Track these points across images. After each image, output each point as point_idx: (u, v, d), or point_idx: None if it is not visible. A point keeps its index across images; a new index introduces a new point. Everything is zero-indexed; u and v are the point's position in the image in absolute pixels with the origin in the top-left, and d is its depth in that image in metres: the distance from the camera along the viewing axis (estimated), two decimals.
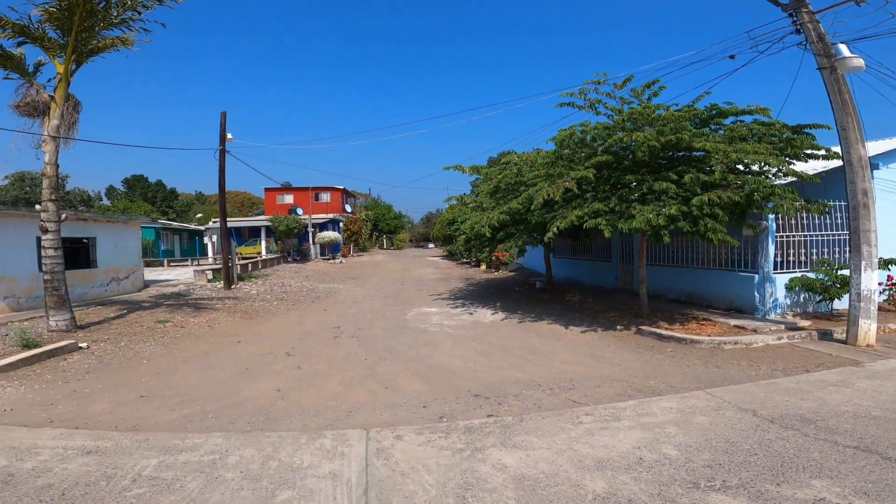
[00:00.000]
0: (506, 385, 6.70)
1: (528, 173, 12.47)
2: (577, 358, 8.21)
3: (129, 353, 8.65)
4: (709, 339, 8.88)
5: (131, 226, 17.59)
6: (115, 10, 9.91)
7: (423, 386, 6.73)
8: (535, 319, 11.93)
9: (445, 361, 8.09)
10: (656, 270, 13.95)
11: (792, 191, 9.11)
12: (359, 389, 6.58)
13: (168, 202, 65.74)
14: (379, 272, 27.84)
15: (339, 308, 14.60)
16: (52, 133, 9.80)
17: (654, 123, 9.87)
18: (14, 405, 5.68)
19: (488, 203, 13.61)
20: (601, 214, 9.63)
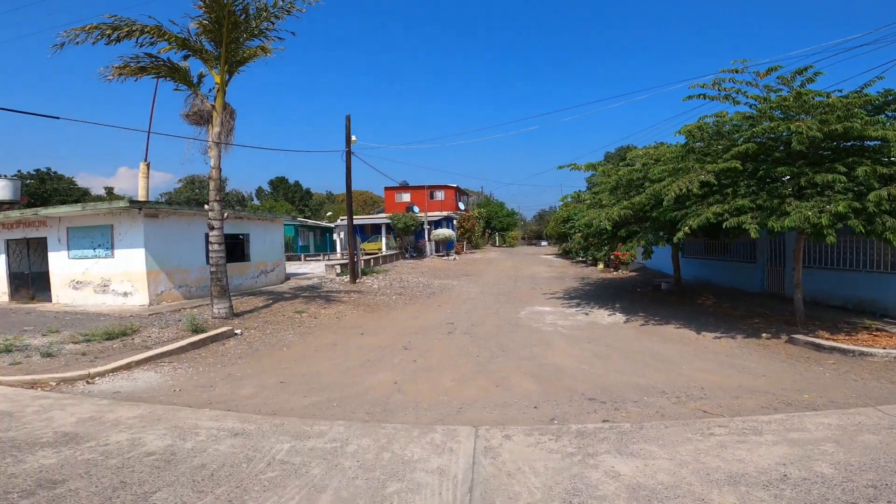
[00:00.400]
0: (624, 390, 6.29)
1: (653, 168, 11.53)
2: (710, 366, 7.39)
3: (272, 341, 9.79)
4: (884, 351, 7.41)
5: (276, 223, 19.91)
6: (253, 21, 11.21)
7: (534, 386, 6.59)
8: (659, 322, 11.01)
9: (559, 362, 7.83)
10: (815, 273, 12.02)
11: None
12: (470, 386, 6.66)
13: (304, 201, 73.38)
14: (491, 269, 27.98)
15: (453, 304, 14.95)
16: (215, 139, 11.45)
17: (813, 111, 8.46)
18: (182, 386, 6.73)
19: (608, 200, 12.87)
20: (745, 211, 8.52)
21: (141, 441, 4.47)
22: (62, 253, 14.12)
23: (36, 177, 47.41)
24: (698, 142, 10.38)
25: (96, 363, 7.35)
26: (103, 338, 8.83)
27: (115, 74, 10.99)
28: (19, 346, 8.19)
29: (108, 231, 13.57)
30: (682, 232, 9.20)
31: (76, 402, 5.64)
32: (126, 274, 13.33)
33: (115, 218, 13.47)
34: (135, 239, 13.25)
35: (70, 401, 5.71)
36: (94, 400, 5.78)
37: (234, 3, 10.63)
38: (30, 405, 5.47)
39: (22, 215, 14.54)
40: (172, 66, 11.50)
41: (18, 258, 15.14)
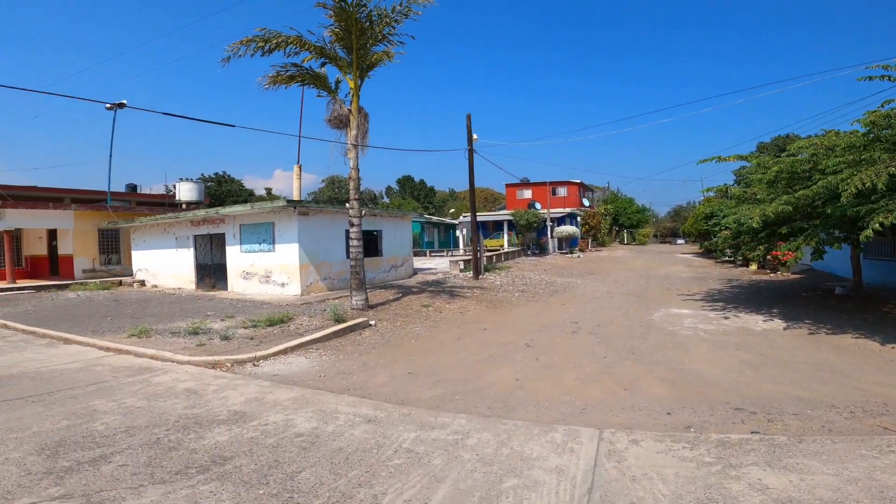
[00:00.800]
0: (780, 401, 5.55)
1: (826, 159, 9.86)
2: (891, 379, 6.13)
3: (402, 333, 10.47)
4: None
5: (406, 220, 21.20)
6: (376, 26, 12.04)
7: (667, 391, 6.10)
8: (832, 331, 9.39)
9: (698, 368, 7.13)
10: None
11: None
12: (595, 387, 6.40)
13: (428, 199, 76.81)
14: (619, 268, 26.38)
15: (577, 303, 14.45)
16: (352, 142, 12.57)
17: None
18: (326, 372, 7.51)
19: (764, 194, 11.31)
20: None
21: (292, 423, 5.10)
22: (235, 247, 16.68)
23: (214, 180, 56.71)
24: (885, 130, 8.62)
25: (261, 347, 8.58)
26: (266, 324, 10.28)
27: (270, 83, 12.65)
28: (204, 330, 9.91)
29: (270, 228, 15.68)
30: (870, 230, 7.71)
31: (245, 383, 6.64)
32: (284, 266, 15.29)
33: (275, 216, 15.52)
34: (290, 235, 15.13)
35: (240, 381, 6.75)
36: (258, 382, 6.75)
37: (359, 11, 11.54)
38: (210, 384, 6.57)
39: (206, 214, 17.48)
40: (314, 74, 12.87)
41: (203, 251, 18.24)
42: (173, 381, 6.68)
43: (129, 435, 4.71)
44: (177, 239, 19.00)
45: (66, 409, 5.49)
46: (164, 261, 19.46)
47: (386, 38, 12.53)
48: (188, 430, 4.86)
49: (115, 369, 7.33)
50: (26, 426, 4.92)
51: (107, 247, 22.94)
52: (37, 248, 23.84)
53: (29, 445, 4.42)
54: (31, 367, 7.51)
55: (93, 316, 12.19)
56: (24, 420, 5.11)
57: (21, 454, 4.23)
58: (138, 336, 9.43)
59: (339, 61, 12.66)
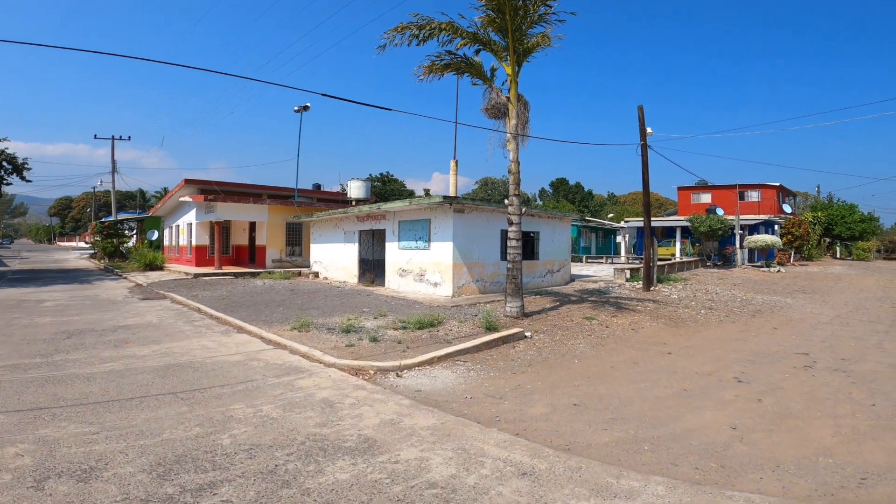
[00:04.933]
0: None
1: None
2: None
3: (562, 349, 8.94)
4: None
5: (564, 222, 19.45)
6: (530, 4, 10.64)
7: None
8: None
9: None
10: None
11: None
12: (870, 446, 4.16)
13: (585, 202, 72.46)
14: (842, 287, 20.60)
15: (795, 328, 11.11)
16: (512, 131, 11.47)
17: None
18: (473, 392, 6.39)
19: None
20: None
21: (427, 464, 4.06)
22: (394, 244, 16.91)
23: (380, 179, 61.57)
24: None
25: (407, 354, 7.92)
26: (416, 327, 9.72)
27: (425, 74, 12.22)
28: (356, 328, 9.72)
29: (427, 225, 15.47)
30: None
31: (383, 399, 5.86)
32: (437, 265, 14.92)
33: (432, 212, 15.27)
34: (445, 232, 14.69)
35: (379, 396, 6.00)
36: (397, 399, 5.91)
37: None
38: (349, 395, 5.96)
39: (370, 209, 18.13)
40: (468, 62, 12.08)
41: (366, 246, 19.00)
42: (314, 387, 6.27)
43: (249, 456, 4.19)
44: (344, 234, 20.21)
45: (206, 411, 5.31)
46: (334, 254, 20.87)
47: (543, 19, 11.17)
48: (310, 459, 4.17)
49: (268, 366, 7.29)
50: (159, 430, 4.76)
51: (292, 239, 25.77)
52: (241, 239, 27.98)
53: (147, 458, 4.13)
54: (199, 356, 7.93)
55: (269, 304, 13.21)
56: (161, 422, 5.00)
57: (132, 470, 3.91)
58: (299, 330, 9.62)
59: (493, 46, 11.71)
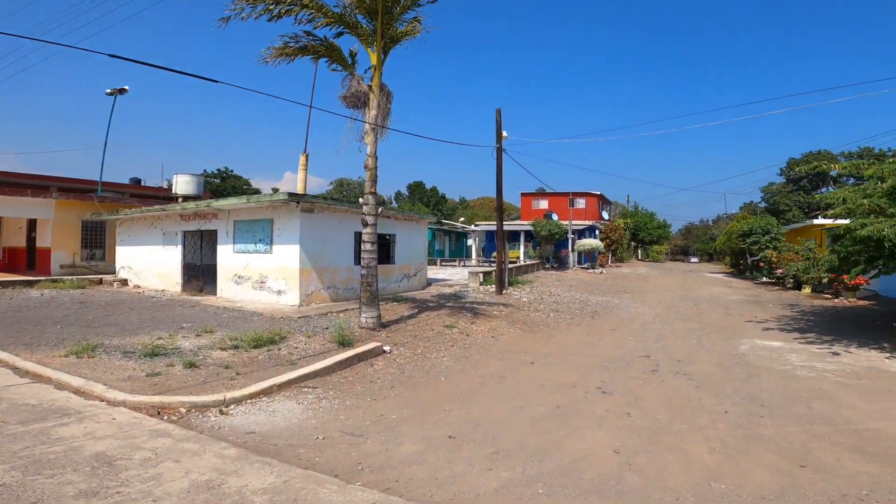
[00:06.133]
0: None
1: None
2: None
3: (426, 365, 8.08)
4: None
5: (422, 224, 18.89)
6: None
7: (873, 466, 3.88)
8: None
9: (883, 427, 4.87)
10: None
11: None
12: (749, 463, 4.09)
13: (439, 206, 74.51)
14: (652, 286, 23.97)
15: (629, 329, 12.05)
16: (372, 122, 10.31)
17: None
18: (327, 430, 5.10)
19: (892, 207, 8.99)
20: None
21: None
22: (228, 246, 14.38)
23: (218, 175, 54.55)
24: None
25: (236, 382, 6.22)
26: (251, 345, 7.95)
27: (275, 55, 10.45)
28: (167, 350, 7.56)
29: (269, 225, 13.41)
30: None
31: (198, 449, 4.27)
32: (281, 270, 13.00)
33: (275, 212, 13.28)
34: (291, 234, 12.86)
35: (191, 445, 4.37)
36: (219, 448, 4.35)
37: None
38: (141, 447, 4.21)
39: (197, 207, 15.19)
40: (329, 46, 10.65)
41: (192, 250, 15.92)
42: (86, 437, 4.34)
43: None
44: (164, 234, 16.76)
45: None
46: (150, 258, 17.20)
47: (416, 3, 10.32)
48: None
49: (13, 408, 4.99)
50: None
51: (90, 241, 20.73)
52: (16, 240, 21.71)
53: None
54: None
55: (42, 322, 9.88)
56: None
57: None
58: (78, 355, 7.09)
59: (360, 30, 10.47)
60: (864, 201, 9.69)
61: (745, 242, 27.83)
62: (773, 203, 51.95)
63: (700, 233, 79.88)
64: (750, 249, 27.66)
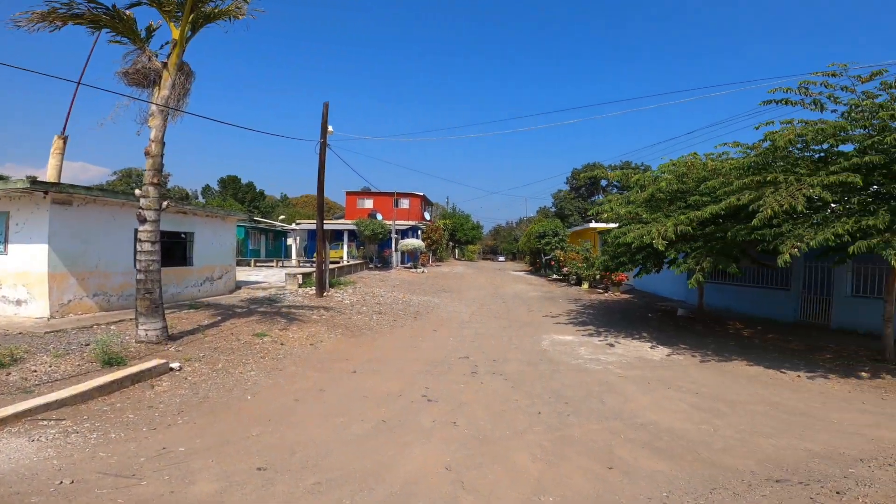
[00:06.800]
0: (801, 461, 4.32)
1: (714, 180, 9.72)
2: (869, 419, 5.62)
3: (228, 382, 6.84)
4: None
5: (229, 222, 16.57)
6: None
7: (665, 464, 4.30)
8: (721, 359, 9.03)
9: (659, 419, 5.59)
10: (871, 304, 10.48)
11: None
12: (566, 469, 4.23)
13: (255, 202, 68.05)
14: (468, 285, 25.64)
15: (449, 329, 12.40)
16: (161, 104, 8.41)
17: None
18: (77, 473, 3.79)
19: (648, 215, 10.91)
20: (875, 233, 6.70)
21: None
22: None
23: None
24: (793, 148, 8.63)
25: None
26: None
27: (36, 21, 7.86)
28: None
29: (3, 220, 10.02)
30: (787, 255, 7.25)
31: None
32: (21, 276, 9.80)
33: (11, 203, 9.96)
34: (35, 231, 9.79)
35: None
36: None
37: None
38: None
39: None
40: (115, 15, 8.41)
41: None
42: None
43: None
44: None
45: None
46: None
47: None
48: None
49: None
50: None
51: None
52: None
53: None
54: None
55: None
56: None
57: None
58: None
59: (163, 1, 8.50)
60: (627, 209, 11.66)
61: (540, 243, 31.95)
62: (561, 208, 60.97)
63: (506, 234, 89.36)
64: (544, 249, 31.84)
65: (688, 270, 9.52)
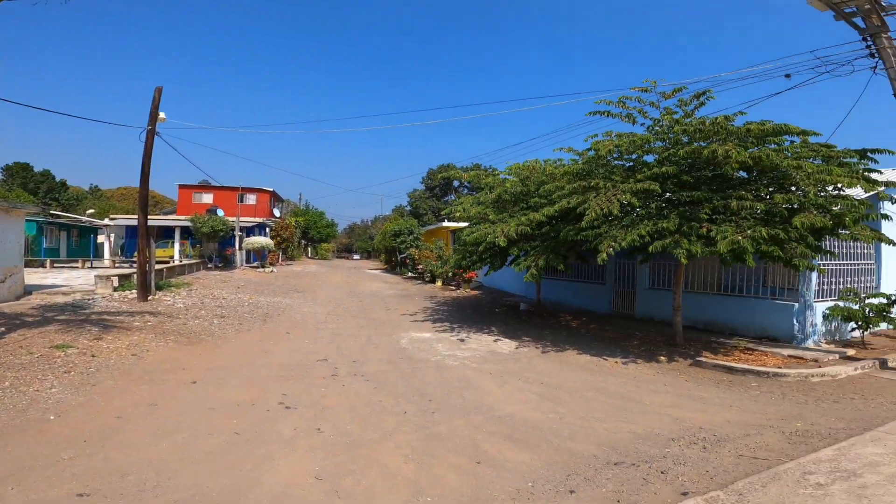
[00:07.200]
0: (629, 443, 4.98)
1: (550, 184, 10.89)
2: (671, 399, 6.63)
3: (21, 402, 5.45)
4: (795, 371, 7.80)
5: (13, 215, 13.20)
6: None
7: (526, 454, 4.65)
8: (557, 349, 10.17)
9: (514, 411, 6.03)
10: (664, 295, 12.89)
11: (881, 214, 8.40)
12: (438, 468, 4.30)
13: (53, 194, 55.58)
14: (322, 284, 24.68)
15: (304, 331, 11.76)
16: None
17: (729, 137, 8.60)
18: None
19: (495, 215, 11.78)
20: (667, 234, 8.17)
21: None
22: None
23: None
24: (610, 157, 10.04)
25: None
26: None
27: None
28: None
29: None
30: (605, 254, 8.48)
31: None
32: None
33: None
34: None
35: None
36: None
37: None
38: None
39: None
40: None
41: None
42: None
43: None
44: None
45: None
46: None
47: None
48: None
49: None
50: None
51: None
52: None
53: None
54: None
55: None
56: None
57: None
58: None
59: None
60: (477, 209, 12.51)
61: (395, 241, 32.39)
62: (416, 207, 62.47)
63: (361, 232, 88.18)
64: (399, 248, 32.35)
65: (526, 268, 10.49)
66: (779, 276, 10.66)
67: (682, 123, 9.27)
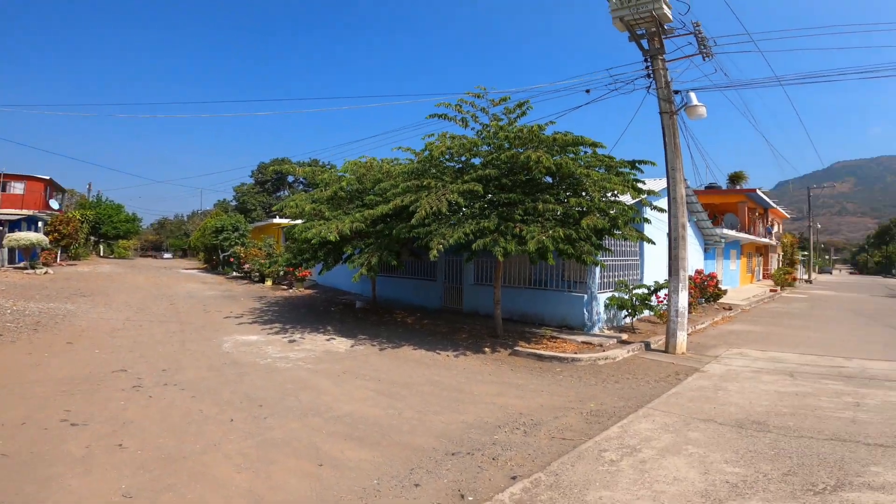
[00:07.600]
0: (463, 433, 5.34)
1: (386, 182, 11.10)
2: (496, 389, 7.30)
3: None
4: (586, 356, 9.21)
5: None
6: None
7: (368, 452, 4.66)
8: (394, 346, 10.41)
9: (353, 410, 6.01)
10: (488, 290, 14.24)
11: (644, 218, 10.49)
12: (279, 474, 4.08)
13: None
14: (120, 286, 20.89)
15: (93, 339, 9.82)
16: None
17: (540, 145, 9.82)
18: None
19: (330, 212, 11.53)
20: (488, 233, 9.01)
21: None
22: None
23: None
24: (443, 158, 10.59)
25: None
26: None
27: None
28: None
29: None
30: (435, 250, 8.98)
31: None
32: None
33: None
34: None
35: None
36: None
37: None
38: None
39: None
40: None
41: None
42: None
43: None
44: None
45: None
46: None
47: None
48: None
49: None
50: None
51: None
52: None
53: None
54: None
55: None
56: None
57: None
58: None
59: None
60: (312, 206, 12.13)
61: (217, 239, 29.21)
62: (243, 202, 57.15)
63: (174, 228, 77.62)
64: (222, 245, 29.27)
65: (359, 265, 10.54)
66: (573, 272, 12.68)
67: (505, 130, 10.30)
